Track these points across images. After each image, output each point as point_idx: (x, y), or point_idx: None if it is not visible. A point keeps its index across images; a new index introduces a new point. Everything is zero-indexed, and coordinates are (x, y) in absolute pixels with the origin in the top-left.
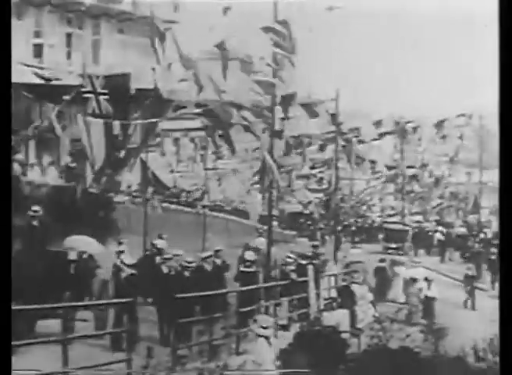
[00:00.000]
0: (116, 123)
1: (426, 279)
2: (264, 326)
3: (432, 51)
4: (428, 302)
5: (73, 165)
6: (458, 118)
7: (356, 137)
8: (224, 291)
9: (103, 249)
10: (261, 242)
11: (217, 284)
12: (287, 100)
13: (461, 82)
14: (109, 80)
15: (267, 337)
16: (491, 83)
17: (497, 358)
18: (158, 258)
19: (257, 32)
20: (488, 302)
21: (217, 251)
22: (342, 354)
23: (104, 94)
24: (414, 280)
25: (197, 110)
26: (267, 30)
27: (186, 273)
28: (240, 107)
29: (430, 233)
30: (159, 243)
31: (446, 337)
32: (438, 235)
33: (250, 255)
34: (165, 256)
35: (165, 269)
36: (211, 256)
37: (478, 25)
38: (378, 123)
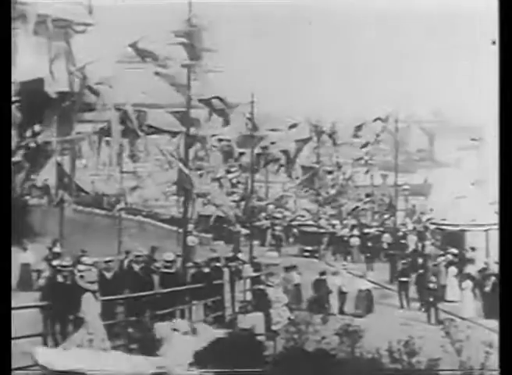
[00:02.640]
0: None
1: (293, 267)
2: (91, 281)
3: (350, 52)
4: (297, 289)
5: None
6: (375, 122)
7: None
8: (142, 294)
9: None
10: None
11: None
12: (203, 103)
13: (377, 85)
14: (24, 86)
15: (94, 292)
16: (404, 86)
17: (412, 359)
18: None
19: (171, 34)
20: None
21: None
22: (258, 356)
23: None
24: (287, 269)
25: (113, 113)
26: (179, 32)
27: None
28: (155, 109)
29: (345, 237)
30: (56, 248)
31: (361, 339)
32: (353, 239)
33: (168, 256)
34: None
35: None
36: (112, 261)
37: (396, 23)
38: (294, 126)
